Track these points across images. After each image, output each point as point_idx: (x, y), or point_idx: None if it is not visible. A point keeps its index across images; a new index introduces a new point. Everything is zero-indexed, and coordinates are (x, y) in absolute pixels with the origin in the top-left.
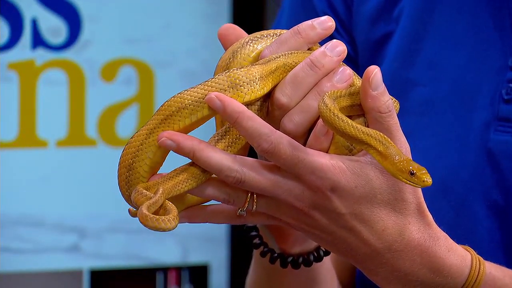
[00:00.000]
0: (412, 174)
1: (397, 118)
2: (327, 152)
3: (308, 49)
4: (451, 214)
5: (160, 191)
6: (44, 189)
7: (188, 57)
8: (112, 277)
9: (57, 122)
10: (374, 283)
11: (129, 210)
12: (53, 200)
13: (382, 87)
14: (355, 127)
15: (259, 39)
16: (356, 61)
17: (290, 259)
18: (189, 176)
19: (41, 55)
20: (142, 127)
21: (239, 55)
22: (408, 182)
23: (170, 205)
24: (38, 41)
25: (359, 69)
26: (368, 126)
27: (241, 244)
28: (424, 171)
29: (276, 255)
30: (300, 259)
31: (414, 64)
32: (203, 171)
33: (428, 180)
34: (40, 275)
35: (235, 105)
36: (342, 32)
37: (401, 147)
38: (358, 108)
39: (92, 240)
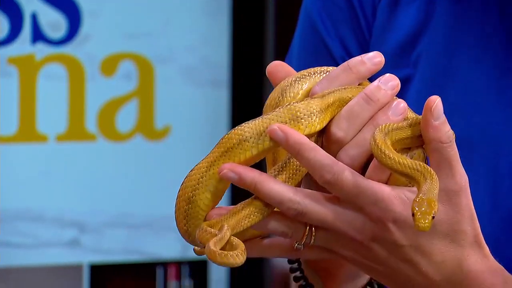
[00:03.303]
0: (412, 215)
1: (456, 149)
2: (386, 183)
3: (359, 85)
4: None
5: (225, 227)
6: (44, 183)
7: (188, 53)
8: (112, 271)
9: (57, 117)
10: None
11: (194, 249)
12: (53, 195)
13: (443, 117)
14: (402, 163)
15: (306, 77)
16: None
17: None
18: (251, 211)
19: (41, 50)
20: (202, 160)
21: (288, 93)
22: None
23: (236, 240)
24: (38, 35)
25: None
26: (426, 157)
27: None
28: (426, 217)
29: None
30: None
31: None
32: (265, 205)
33: (420, 225)
34: (40, 270)
35: (298, 136)
36: None
37: (461, 178)
38: (416, 140)
39: (92, 235)
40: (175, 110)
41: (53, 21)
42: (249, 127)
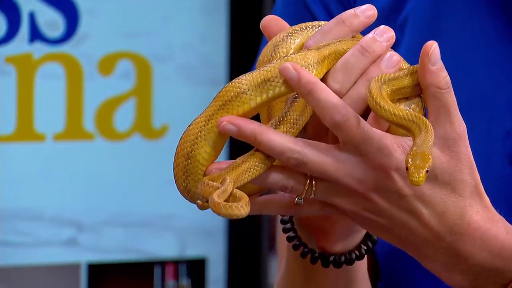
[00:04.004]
0: (407, 169)
1: (454, 96)
2: None
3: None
4: None
5: (228, 180)
6: (42, 182)
7: (186, 51)
8: (110, 270)
9: (55, 116)
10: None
11: (197, 203)
12: (50, 194)
13: (441, 63)
14: (397, 114)
15: (299, 32)
16: None
17: (331, 258)
18: (252, 165)
19: (39, 49)
20: (200, 114)
21: (280, 49)
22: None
23: (239, 192)
24: (35, 34)
25: None
26: (425, 106)
27: (239, 237)
28: (420, 172)
29: (317, 254)
30: (342, 258)
31: None
32: (266, 158)
33: (413, 179)
34: (38, 269)
35: (310, 75)
36: None
37: (459, 126)
38: (414, 89)
39: (89, 234)
40: (173, 109)
41: (51, 20)
42: (246, 79)
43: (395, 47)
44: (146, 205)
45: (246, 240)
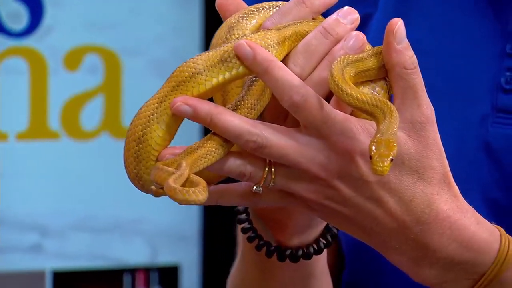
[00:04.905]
0: (370, 157)
1: (421, 77)
2: None
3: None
4: None
5: (184, 164)
6: (3, 184)
7: (157, 45)
8: (76, 278)
9: (18, 114)
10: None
11: (151, 189)
12: (13, 197)
13: (407, 42)
14: (360, 99)
15: (255, 12)
16: None
17: (288, 252)
18: (209, 150)
19: (1, 43)
20: (152, 96)
21: (235, 31)
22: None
23: (196, 177)
24: None
25: None
26: (389, 89)
27: (214, 242)
28: (384, 160)
29: (273, 248)
30: (300, 252)
31: None
32: (224, 142)
33: (377, 168)
34: None
35: (266, 53)
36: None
37: (427, 108)
38: (379, 71)
39: (54, 239)
40: None
41: (14, 12)
42: (202, 59)
43: (368, 21)
44: (115, 209)
45: (222, 246)
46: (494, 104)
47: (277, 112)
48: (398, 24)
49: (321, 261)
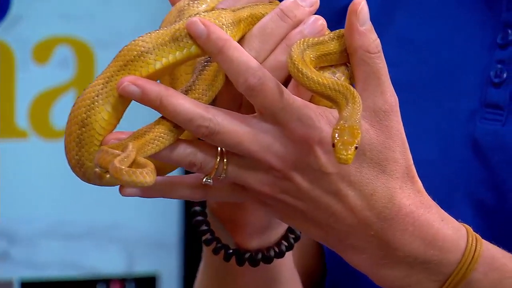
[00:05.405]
0: (333, 145)
1: (385, 62)
2: None
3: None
4: None
5: (130, 146)
6: None
7: (134, 36)
8: None
9: None
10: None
11: (95, 172)
12: None
13: (370, 24)
14: (321, 83)
15: None
16: None
17: (247, 255)
18: (157, 135)
19: None
20: (98, 76)
21: (185, 16)
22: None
23: (143, 160)
24: None
25: None
26: (351, 74)
27: (195, 250)
28: (348, 148)
29: (231, 251)
30: (259, 255)
31: (383, 41)
32: (174, 127)
33: (341, 157)
34: None
35: (221, 32)
36: None
37: (390, 96)
38: (340, 55)
39: (23, 247)
40: None
41: None
42: (151, 37)
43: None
44: (88, 214)
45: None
46: (483, 99)
47: (231, 98)
48: (361, 4)
49: (287, 265)
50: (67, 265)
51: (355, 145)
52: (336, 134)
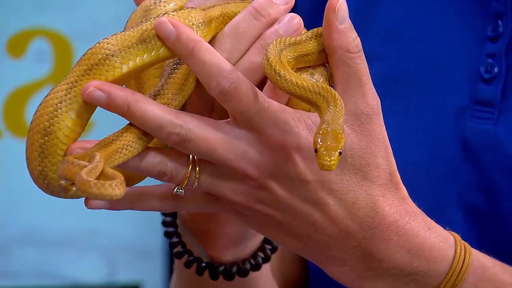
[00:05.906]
0: (316, 151)
1: (366, 63)
2: None
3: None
4: None
5: (98, 156)
6: None
7: (115, 27)
8: None
9: None
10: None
11: (61, 185)
12: None
13: (349, 22)
14: (300, 85)
15: None
16: None
17: (221, 268)
18: (125, 143)
19: None
20: (60, 82)
21: (154, 14)
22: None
23: (112, 171)
24: None
25: None
26: (330, 76)
27: None
28: (332, 154)
29: (204, 264)
30: (234, 268)
31: (368, 33)
32: (143, 135)
33: (324, 163)
34: None
35: (192, 32)
36: None
37: (372, 99)
38: (319, 56)
39: None
40: None
41: None
42: (116, 40)
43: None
44: (66, 220)
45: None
46: (473, 95)
47: (202, 103)
48: (340, 1)
49: (264, 277)
50: (43, 274)
51: (339, 150)
52: (319, 139)
